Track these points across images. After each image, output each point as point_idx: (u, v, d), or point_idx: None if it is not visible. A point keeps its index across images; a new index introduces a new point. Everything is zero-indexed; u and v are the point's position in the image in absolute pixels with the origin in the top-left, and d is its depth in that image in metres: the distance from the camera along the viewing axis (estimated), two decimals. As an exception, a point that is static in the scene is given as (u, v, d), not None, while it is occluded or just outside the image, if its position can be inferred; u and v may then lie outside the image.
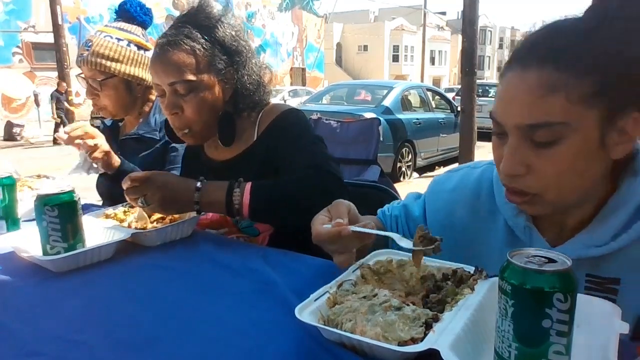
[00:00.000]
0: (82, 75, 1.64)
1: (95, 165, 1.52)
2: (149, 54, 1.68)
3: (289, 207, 1.10)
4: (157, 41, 1.23)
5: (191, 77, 1.19)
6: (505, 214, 0.87)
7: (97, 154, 1.46)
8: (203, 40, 1.20)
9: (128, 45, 1.64)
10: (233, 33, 1.25)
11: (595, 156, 0.72)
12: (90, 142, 1.44)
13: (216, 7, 1.27)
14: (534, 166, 0.73)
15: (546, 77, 0.69)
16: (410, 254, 0.78)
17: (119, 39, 1.63)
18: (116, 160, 1.51)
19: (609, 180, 0.78)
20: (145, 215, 1.15)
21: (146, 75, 1.68)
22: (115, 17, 1.74)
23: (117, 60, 1.60)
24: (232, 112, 1.27)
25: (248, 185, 1.09)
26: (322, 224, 0.81)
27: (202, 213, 1.15)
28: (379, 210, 1.13)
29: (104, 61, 1.58)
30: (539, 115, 0.70)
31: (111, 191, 1.55)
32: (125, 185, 1.08)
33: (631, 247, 0.75)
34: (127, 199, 1.10)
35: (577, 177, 0.73)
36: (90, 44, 1.60)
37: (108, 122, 1.84)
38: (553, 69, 0.69)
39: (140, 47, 1.67)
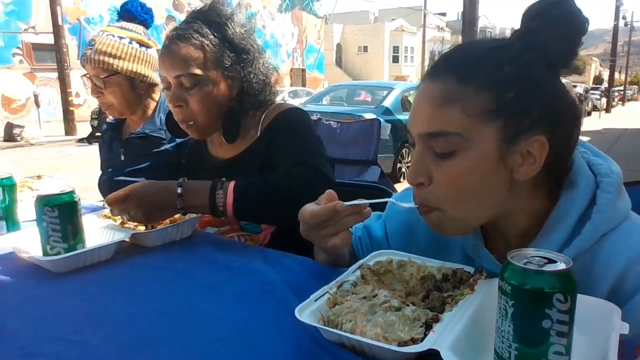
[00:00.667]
0: (87, 75, 1.66)
1: None
2: (152, 51, 1.71)
3: (274, 205, 1.09)
4: (167, 34, 1.26)
5: (197, 71, 1.20)
6: None
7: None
8: (212, 37, 1.22)
9: (130, 42, 1.66)
10: (242, 32, 1.27)
11: (492, 173, 0.72)
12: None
13: (228, 7, 1.29)
14: (434, 177, 0.74)
15: (446, 89, 0.71)
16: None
17: (121, 37, 1.65)
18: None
19: (542, 194, 0.77)
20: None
21: (149, 72, 1.70)
22: (117, 17, 1.76)
23: (119, 58, 1.63)
24: (238, 109, 1.28)
25: (231, 186, 1.08)
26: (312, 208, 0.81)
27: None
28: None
29: (106, 58, 1.61)
30: (437, 124, 0.72)
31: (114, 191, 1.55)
32: (107, 206, 1.08)
33: (576, 261, 0.74)
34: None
35: (470, 192, 0.73)
36: (94, 42, 1.62)
37: (112, 120, 1.86)
38: (454, 81, 0.71)
39: (142, 44, 1.69)
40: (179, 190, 1.07)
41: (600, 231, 0.73)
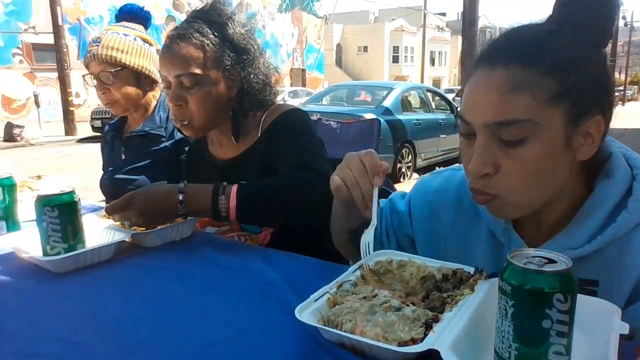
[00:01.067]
0: (89, 75, 1.68)
1: None
2: (153, 49, 1.74)
3: (276, 209, 1.10)
4: (168, 34, 1.26)
5: (197, 71, 1.20)
6: (486, 217, 0.88)
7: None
8: (212, 36, 1.22)
9: (135, 39, 1.70)
10: (243, 32, 1.27)
11: (561, 157, 0.73)
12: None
13: (229, 7, 1.29)
14: (503, 166, 0.73)
15: (512, 76, 0.70)
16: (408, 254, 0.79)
17: (125, 35, 1.69)
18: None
19: (581, 181, 0.79)
20: None
21: (152, 68, 1.73)
22: (115, 20, 1.79)
23: (126, 52, 1.66)
24: (238, 110, 1.28)
25: (233, 191, 1.08)
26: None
27: None
28: None
29: (114, 53, 1.64)
30: (506, 112, 0.70)
31: (115, 190, 1.56)
32: (108, 215, 1.09)
33: (606, 249, 0.76)
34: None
35: (543, 177, 0.74)
36: (99, 40, 1.65)
37: (113, 121, 1.87)
38: (519, 67, 0.70)
39: (145, 41, 1.73)
40: (180, 196, 1.07)
41: (635, 220, 0.75)
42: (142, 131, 1.70)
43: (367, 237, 0.83)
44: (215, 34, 1.23)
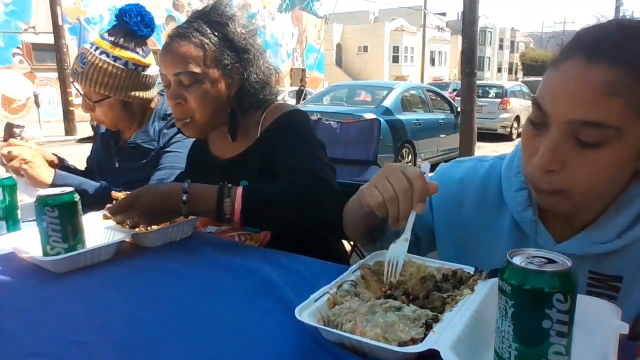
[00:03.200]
0: (77, 86, 1.56)
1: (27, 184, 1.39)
2: (149, 70, 1.61)
3: (280, 214, 1.10)
4: (168, 33, 1.27)
5: (196, 70, 1.21)
6: (513, 208, 0.86)
7: (15, 163, 1.37)
8: (212, 36, 1.23)
9: (125, 65, 1.53)
10: (243, 32, 1.28)
11: (629, 165, 0.72)
12: (4, 150, 1.37)
13: (229, 7, 1.29)
14: (570, 164, 0.70)
15: (612, 78, 0.66)
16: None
17: (115, 58, 1.52)
18: (45, 175, 1.41)
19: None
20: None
21: (144, 94, 1.61)
22: (114, 23, 1.58)
23: (112, 84, 1.52)
24: (237, 109, 1.29)
25: (239, 193, 1.08)
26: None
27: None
28: None
29: (98, 85, 1.51)
30: (596, 114, 0.67)
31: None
32: (108, 214, 1.08)
33: (635, 245, 0.76)
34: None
35: (608, 182, 0.73)
36: (85, 61, 1.51)
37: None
38: (622, 71, 0.66)
39: (138, 65, 1.56)
40: (184, 197, 1.07)
41: None
42: (134, 143, 1.64)
43: (397, 250, 0.78)
44: (215, 33, 1.23)
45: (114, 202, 1.10)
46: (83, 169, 1.84)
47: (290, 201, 1.09)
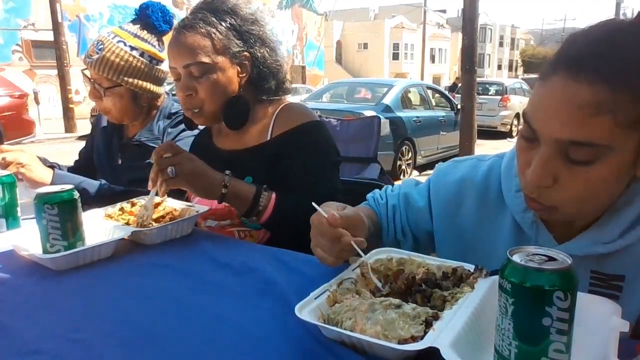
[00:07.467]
0: (87, 73, 1.58)
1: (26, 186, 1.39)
2: (163, 65, 1.62)
3: (299, 227, 1.11)
4: (175, 26, 1.27)
5: (205, 60, 1.22)
6: (513, 209, 0.86)
7: (12, 168, 1.36)
8: (218, 24, 1.23)
9: (141, 55, 1.56)
10: (249, 20, 1.28)
11: (624, 176, 0.71)
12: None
13: None
14: (562, 180, 0.70)
15: (598, 96, 0.64)
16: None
17: (132, 47, 1.55)
18: (44, 175, 1.42)
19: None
20: (151, 206, 1.14)
21: (155, 88, 1.62)
22: (135, 16, 1.61)
23: (126, 71, 1.54)
24: (246, 97, 1.29)
25: (273, 196, 1.16)
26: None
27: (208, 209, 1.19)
28: (368, 196, 1.10)
29: (112, 71, 1.52)
30: (584, 134, 0.66)
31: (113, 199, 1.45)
32: (155, 155, 1.09)
33: (637, 244, 0.76)
34: (152, 173, 1.09)
35: (602, 194, 0.73)
36: (102, 47, 1.52)
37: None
38: (607, 88, 0.64)
39: (154, 58, 1.60)
40: (224, 190, 1.12)
41: None
42: (138, 141, 1.63)
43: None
44: (221, 22, 1.24)
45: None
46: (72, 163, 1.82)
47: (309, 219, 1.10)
